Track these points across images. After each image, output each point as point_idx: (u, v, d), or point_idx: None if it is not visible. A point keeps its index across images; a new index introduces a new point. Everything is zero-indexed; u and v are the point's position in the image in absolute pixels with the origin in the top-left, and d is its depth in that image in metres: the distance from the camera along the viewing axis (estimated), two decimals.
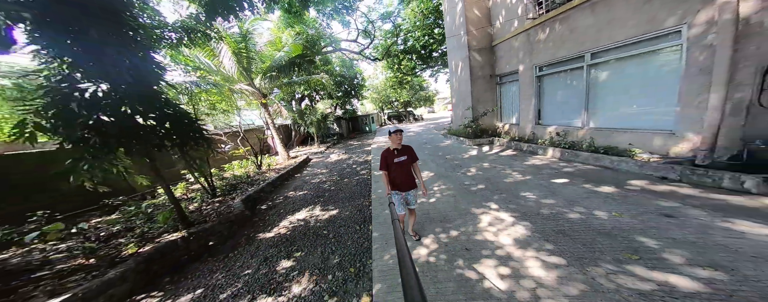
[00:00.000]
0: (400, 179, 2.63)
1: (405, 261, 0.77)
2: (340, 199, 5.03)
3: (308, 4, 7.63)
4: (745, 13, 2.88)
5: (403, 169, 2.62)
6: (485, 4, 9.32)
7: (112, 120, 2.72)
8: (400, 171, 2.62)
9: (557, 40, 6.05)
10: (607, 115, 5.17)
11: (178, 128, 3.35)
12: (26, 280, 2.39)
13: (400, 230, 1.15)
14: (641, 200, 3.13)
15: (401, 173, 2.62)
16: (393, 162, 2.60)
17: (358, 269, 2.67)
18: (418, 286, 0.63)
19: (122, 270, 2.50)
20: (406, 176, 2.64)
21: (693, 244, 2.19)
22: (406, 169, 2.64)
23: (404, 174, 2.63)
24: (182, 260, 3.20)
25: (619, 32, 4.51)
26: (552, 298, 1.81)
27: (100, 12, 2.67)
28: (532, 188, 4.04)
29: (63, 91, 2.46)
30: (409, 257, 0.79)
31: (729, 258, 1.95)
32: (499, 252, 2.45)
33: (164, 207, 4.49)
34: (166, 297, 2.60)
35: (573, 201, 3.36)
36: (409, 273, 0.69)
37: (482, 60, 9.42)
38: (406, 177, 2.64)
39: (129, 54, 2.90)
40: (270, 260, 3.12)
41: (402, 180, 2.63)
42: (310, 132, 14.66)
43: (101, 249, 3.05)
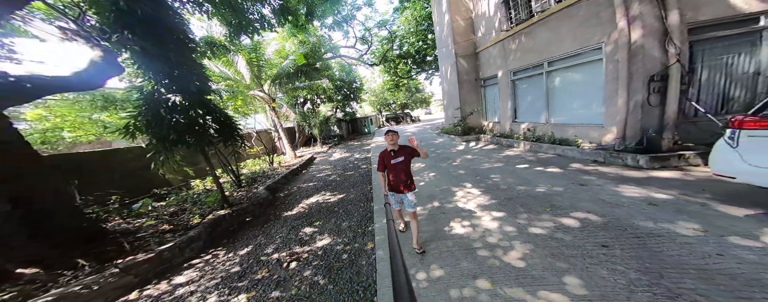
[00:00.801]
0: (396, 180, 2.55)
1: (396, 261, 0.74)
2: (345, 186, 6.09)
3: (313, 18, 8.75)
4: (634, 38, 4.00)
5: (401, 170, 2.54)
6: (469, 16, 10.46)
7: (183, 121, 3.78)
8: (397, 172, 2.54)
9: (524, 50, 7.18)
10: (561, 113, 6.29)
11: (222, 127, 4.41)
12: (137, 238, 3.42)
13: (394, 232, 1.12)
14: (571, 176, 4.22)
15: (398, 174, 2.54)
16: (390, 163, 2.55)
17: (363, 229, 3.71)
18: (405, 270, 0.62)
19: (198, 231, 3.54)
20: (403, 178, 2.54)
21: (586, 201, 3.27)
22: (403, 170, 2.55)
23: (402, 175, 2.54)
24: (230, 229, 4.24)
25: (564, 46, 5.64)
26: (492, 235, 2.87)
27: (176, 41, 3.73)
28: (500, 172, 5.12)
29: (156, 100, 3.52)
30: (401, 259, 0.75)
31: (604, 208, 3.03)
32: (465, 213, 3.51)
33: (203, 194, 5.53)
34: (228, 251, 3.64)
35: (526, 180, 4.44)
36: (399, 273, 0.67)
37: (467, 66, 10.55)
38: (404, 179, 2.55)
39: (193, 70, 3.96)
40: (297, 227, 4.16)
41: (399, 182, 2.54)
42: (313, 133, 15.72)
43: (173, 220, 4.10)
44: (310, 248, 3.38)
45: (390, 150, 2.58)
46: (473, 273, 2.17)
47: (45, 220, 2.54)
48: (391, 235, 1.07)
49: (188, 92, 3.84)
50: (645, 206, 2.89)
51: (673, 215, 2.62)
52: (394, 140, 2.53)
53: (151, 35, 3.45)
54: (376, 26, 20.60)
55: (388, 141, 2.55)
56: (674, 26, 3.78)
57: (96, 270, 2.51)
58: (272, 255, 3.27)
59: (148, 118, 3.51)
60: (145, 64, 3.56)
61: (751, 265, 1.80)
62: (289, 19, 7.23)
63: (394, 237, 1.00)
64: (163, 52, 3.59)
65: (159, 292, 2.65)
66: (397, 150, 2.57)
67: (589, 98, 5.33)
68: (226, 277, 2.89)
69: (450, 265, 2.32)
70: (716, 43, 3.86)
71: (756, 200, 2.61)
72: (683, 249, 2.07)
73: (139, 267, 2.71)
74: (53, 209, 2.65)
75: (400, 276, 0.65)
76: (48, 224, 2.54)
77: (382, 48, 20.63)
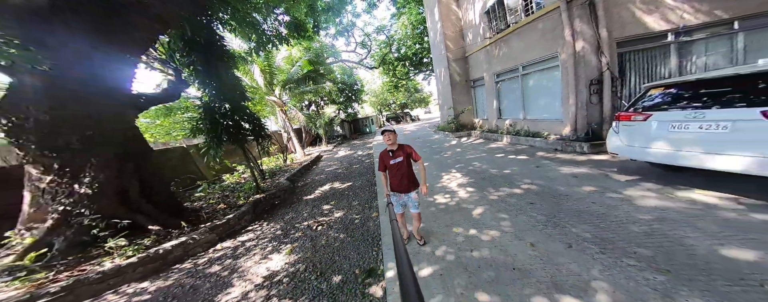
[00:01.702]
0: (397, 181, 2.49)
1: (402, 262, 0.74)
2: (352, 177, 7.24)
3: (318, 29, 9.94)
4: (578, 50, 5.09)
5: (400, 171, 2.47)
6: (458, 24, 11.55)
7: (230, 124, 4.95)
8: (396, 173, 2.47)
9: (504, 56, 8.27)
10: (533, 110, 7.39)
11: (255, 128, 5.58)
12: (203, 212, 4.60)
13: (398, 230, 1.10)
14: (533, 161, 5.34)
15: (397, 175, 2.47)
16: (389, 164, 2.49)
17: (369, 205, 4.85)
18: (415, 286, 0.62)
19: (248, 207, 4.71)
20: (402, 178, 2.48)
21: (535, 177, 4.39)
22: (403, 170, 2.47)
23: (401, 176, 2.47)
24: (266, 209, 5.42)
25: (533, 53, 6.74)
26: (464, 202, 3.99)
27: (223, 60, 4.90)
28: (480, 160, 6.25)
29: (211, 108, 4.69)
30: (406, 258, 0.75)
31: (543, 181, 4.15)
32: (447, 190, 4.63)
33: (237, 185, 6.72)
34: (269, 222, 4.79)
35: (499, 165, 5.56)
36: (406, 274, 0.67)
37: (459, 68, 11.65)
38: (404, 180, 2.48)
39: (234, 83, 5.12)
40: (317, 205, 5.31)
41: (399, 182, 2.49)
42: (319, 134, 16.91)
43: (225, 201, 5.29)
44: (330, 218, 4.53)
45: (388, 150, 2.51)
46: (448, 224, 3.29)
47: (154, 194, 3.71)
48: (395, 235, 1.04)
49: (232, 101, 5.02)
50: (570, 178, 4.01)
51: (582, 182, 3.75)
52: (392, 140, 2.43)
53: (206, 56, 4.63)
54: (374, 31, 21.71)
55: (386, 141, 2.46)
56: (604, 41, 4.87)
57: (191, 230, 3.68)
58: (303, 223, 4.43)
59: (207, 122, 4.69)
60: (201, 79, 4.75)
61: (609, 208, 2.92)
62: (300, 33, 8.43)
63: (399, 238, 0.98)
64: (214, 70, 4.76)
65: (234, 245, 3.82)
66: (396, 150, 2.49)
67: (553, 98, 6.43)
68: (273, 237, 4.05)
69: (433, 221, 3.45)
70: (638, 53, 4.94)
71: (636, 171, 3.73)
72: (576, 202, 3.20)
73: (217, 229, 3.88)
74: (158, 187, 3.83)
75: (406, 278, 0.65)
76: (156, 197, 3.72)
77: (381, 51, 21.76)
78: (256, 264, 3.16)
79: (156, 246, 3.18)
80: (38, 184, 2.80)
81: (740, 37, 4.33)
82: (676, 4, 4.57)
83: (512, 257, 2.33)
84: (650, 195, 3.04)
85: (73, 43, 2.68)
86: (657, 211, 2.68)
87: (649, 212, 2.69)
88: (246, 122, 5.32)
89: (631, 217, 2.64)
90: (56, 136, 2.68)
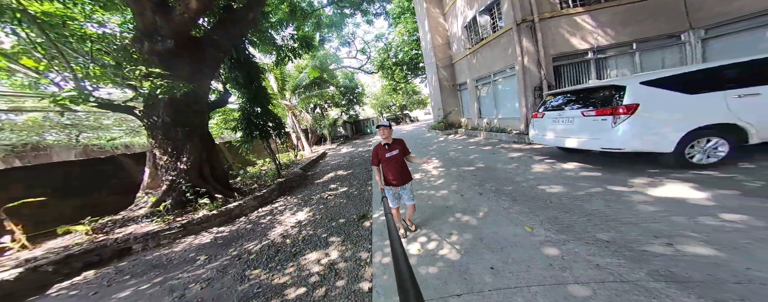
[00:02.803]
0: (392, 174, 2.58)
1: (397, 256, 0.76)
2: (352, 167, 8.82)
3: (324, 42, 11.66)
4: (525, 63, 6.63)
5: (395, 163, 2.57)
6: (446, 34, 13.13)
7: (260, 123, 6.57)
8: (392, 166, 2.57)
9: (480, 64, 9.82)
10: (502, 110, 8.92)
11: (276, 126, 7.21)
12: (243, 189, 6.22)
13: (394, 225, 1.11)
14: (494, 150, 6.86)
15: (393, 168, 2.57)
16: (384, 157, 2.57)
17: (365, 184, 6.42)
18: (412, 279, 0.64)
19: (274, 186, 6.31)
20: (398, 171, 2.58)
21: (488, 159, 5.93)
22: (398, 163, 2.58)
23: (396, 169, 2.57)
24: (286, 189, 7.03)
25: (498, 64, 8.28)
26: (432, 176, 5.54)
27: (256, 73, 6.54)
28: (457, 151, 7.78)
29: (247, 111, 6.33)
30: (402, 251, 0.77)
31: (491, 162, 5.69)
32: (423, 170, 6.17)
33: (261, 173, 8.35)
34: (291, 196, 6.38)
35: (468, 153, 7.09)
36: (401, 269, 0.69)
37: (447, 74, 13.21)
38: (399, 172, 2.59)
39: (263, 91, 6.76)
40: (326, 186, 6.88)
41: (394, 175, 2.58)
42: (323, 134, 18.58)
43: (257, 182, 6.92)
44: (336, 192, 6.11)
45: (384, 144, 2.58)
46: (417, 189, 4.85)
47: (216, 173, 5.33)
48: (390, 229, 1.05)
49: (261, 105, 6.66)
50: (508, 160, 5.55)
51: (513, 162, 5.29)
52: (387, 134, 2.51)
53: (243, 71, 6.27)
54: (374, 39, 23.37)
55: (381, 135, 2.54)
56: (542, 57, 6.41)
57: (241, 198, 5.29)
58: (316, 195, 6.02)
59: (244, 122, 6.33)
60: (240, 89, 6.39)
61: (515, 174, 4.46)
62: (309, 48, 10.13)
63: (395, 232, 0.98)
64: (248, 81, 6.41)
65: (270, 208, 5.41)
66: (391, 143, 2.57)
67: (513, 101, 7.96)
68: (296, 203, 5.63)
69: None
70: (568, 66, 6.47)
71: (549, 154, 5.26)
72: (501, 173, 4.74)
73: (257, 199, 5.49)
74: (218, 169, 5.46)
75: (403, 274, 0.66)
76: (218, 175, 5.33)
77: (379, 57, 23.42)
78: (288, 217, 4.75)
79: (223, 206, 4.79)
80: (157, 162, 4.42)
81: (637, 55, 5.84)
82: (592, 29, 6.10)
83: (449, 201, 3.88)
84: (543, 167, 4.58)
85: (183, 70, 4.35)
86: (539, 174, 4.23)
87: (535, 175, 4.24)
88: (270, 121, 6.95)
89: (523, 178, 4.19)
90: (171, 130, 4.30)
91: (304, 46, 9.79)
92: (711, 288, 1.56)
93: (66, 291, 3.02)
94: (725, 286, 1.56)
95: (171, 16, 4.14)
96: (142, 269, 3.34)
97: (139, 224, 4.03)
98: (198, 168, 4.89)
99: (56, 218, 4.16)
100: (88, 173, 5.07)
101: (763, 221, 2.12)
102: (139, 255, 3.74)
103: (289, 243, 3.52)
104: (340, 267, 2.68)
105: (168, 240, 3.90)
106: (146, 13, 3.99)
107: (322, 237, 3.55)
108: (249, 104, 6.48)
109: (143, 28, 4.09)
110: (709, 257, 1.83)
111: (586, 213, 2.72)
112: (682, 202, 2.64)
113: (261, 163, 9.94)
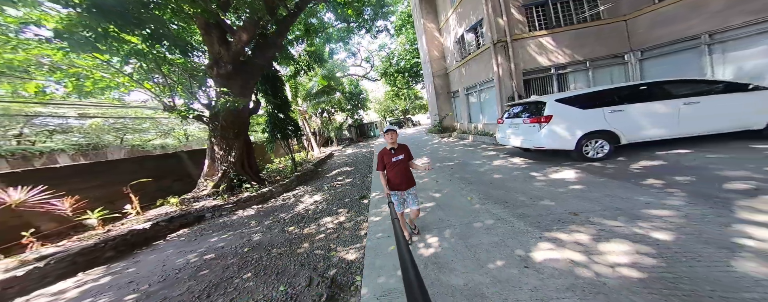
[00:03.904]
0: (398, 178, 2.60)
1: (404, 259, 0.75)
2: (356, 164, 10.28)
3: (333, 54, 13.30)
4: (501, 75, 8.01)
5: (401, 168, 2.59)
6: (441, 47, 14.58)
7: (284, 127, 8.12)
8: (398, 170, 2.59)
9: (468, 75, 11.22)
10: (487, 116, 10.27)
11: (295, 129, 8.75)
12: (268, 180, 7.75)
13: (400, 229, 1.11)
14: (474, 149, 8.22)
15: (399, 173, 2.59)
16: (390, 161, 2.58)
17: (366, 176, 7.87)
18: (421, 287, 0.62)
19: (293, 178, 7.82)
20: (403, 175, 2.60)
21: (466, 157, 7.31)
22: (403, 168, 2.60)
23: (402, 173, 2.59)
24: (303, 180, 8.54)
25: (482, 76, 9.67)
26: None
27: (280, 85, 8.11)
28: (445, 151, 9.17)
29: (273, 116, 7.90)
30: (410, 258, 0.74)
31: (466, 158, 7.06)
32: None
33: (280, 168, 9.89)
34: (307, 186, 7.87)
35: (452, 152, 8.47)
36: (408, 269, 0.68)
37: (442, 82, 14.63)
38: (404, 176, 2.61)
39: (286, 99, 8.32)
40: (334, 178, 8.35)
41: (400, 180, 2.60)
42: (330, 136, 20.18)
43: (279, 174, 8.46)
44: (343, 182, 7.58)
45: (390, 148, 2.59)
46: None
47: (252, 166, 6.87)
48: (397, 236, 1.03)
49: (284, 112, 8.21)
50: (482, 158, 6.91)
51: (485, 159, 6.66)
52: (394, 139, 2.53)
53: (271, 85, 7.84)
54: (377, 49, 25.01)
55: (387, 140, 2.54)
56: (514, 71, 7.77)
57: (270, 186, 6.81)
58: (327, 184, 7.49)
59: (270, 125, 7.89)
60: (267, 98, 7.97)
61: (481, 167, 5.85)
62: (321, 61, 11.76)
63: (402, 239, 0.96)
64: (274, 92, 7.98)
65: (292, 194, 6.89)
66: (397, 148, 2.59)
67: (494, 108, 9.33)
68: (312, 190, 7.10)
69: None
70: (536, 80, 7.81)
71: (514, 153, 6.60)
72: (472, 166, 6.13)
73: (282, 187, 6.99)
74: (253, 163, 7.01)
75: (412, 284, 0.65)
76: (252, 167, 6.88)
77: (383, 65, 25.02)
78: (307, 198, 6.22)
79: (259, 190, 6.32)
80: (214, 156, 6.00)
81: (591, 72, 7.17)
82: (554, 49, 7.46)
83: (427, 185, 5.27)
84: (501, 162, 5.95)
85: (236, 87, 5.96)
86: (496, 167, 5.61)
87: (492, 167, 5.62)
88: (291, 125, 8.51)
89: (483, 170, 5.57)
90: (226, 132, 5.87)
91: (316, 60, 11.41)
92: (539, 218, 2.95)
93: (177, 238, 4.56)
94: (544, 218, 2.94)
95: (229, 46, 5.76)
96: (217, 228, 4.84)
97: (206, 201, 5.57)
98: (241, 161, 6.46)
99: (142, 196, 5.74)
100: (159, 165, 6.79)
101: (588, 188, 3.53)
102: (210, 220, 5.26)
103: (310, 213, 4.98)
104: (346, 224, 4.11)
105: (227, 212, 5.43)
106: (214, 45, 5.62)
107: (333, 209, 5.00)
108: (275, 110, 8.05)
109: (212, 57, 5.73)
110: (549, 206, 3.21)
111: (506, 189, 4.10)
112: (561, 180, 4.02)
113: (278, 161, 11.52)
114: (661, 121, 4.25)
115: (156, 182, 6.26)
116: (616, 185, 3.53)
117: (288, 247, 3.56)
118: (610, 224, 2.56)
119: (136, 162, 6.70)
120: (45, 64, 4.36)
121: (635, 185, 3.42)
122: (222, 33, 5.90)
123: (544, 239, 2.51)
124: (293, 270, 2.90)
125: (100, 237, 4.07)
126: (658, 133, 4.33)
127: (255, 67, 6.62)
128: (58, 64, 4.40)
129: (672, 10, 6.00)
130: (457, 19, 11.50)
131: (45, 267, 3.32)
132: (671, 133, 4.30)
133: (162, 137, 16.24)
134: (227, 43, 5.88)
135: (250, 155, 7.07)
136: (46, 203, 4.28)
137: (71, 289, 3.22)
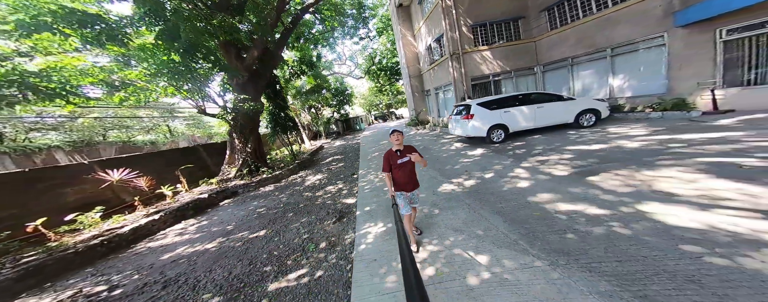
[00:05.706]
0: (404, 179, 2.62)
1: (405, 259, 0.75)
2: (345, 153, 12.46)
3: (321, 58, 15.20)
4: (456, 80, 10.40)
5: (407, 169, 2.61)
6: (415, 51, 16.78)
7: (283, 122, 10.11)
8: (404, 172, 2.61)
9: (436, 78, 13.57)
10: (448, 112, 12.74)
11: (293, 124, 10.74)
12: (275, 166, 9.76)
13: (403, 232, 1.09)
14: (437, 138, 10.63)
15: (405, 174, 2.61)
16: (396, 163, 2.58)
17: (355, 161, 10.10)
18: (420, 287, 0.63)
19: (295, 165, 9.90)
20: (410, 177, 2.64)
21: (429, 143, 9.71)
22: (410, 169, 2.62)
23: (408, 174, 2.62)
24: (302, 166, 10.62)
25: (444, 80, 12.04)
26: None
27: (279, 87, 10.05)
28: (417, 139, 11.54)
29: (275, 114, 9.87)
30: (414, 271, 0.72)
31: (434, 147, 9.46)
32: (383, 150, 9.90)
33: (281, 157, 11.87)
34: (306, 170, 9.97)
35: (424, 141, 10.83)
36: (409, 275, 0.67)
37: (417, 82, 16.91)
38: (411, 177, 2.64)
39: (283, 100, 10.27)
40: (328, 164, 10.51)
41: (407, 180, 2.63)
42: (319, 130, 22.04)
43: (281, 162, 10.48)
44: (336, 166, 9.77)
45: (396, 150, 2.59)
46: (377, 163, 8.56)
47: (262, 154, 8.84)
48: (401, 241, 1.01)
49: (283, 110, 10.19)
50: (440, 143, 9.34)
51: (443, 145, 9.08)
52: (400, 140, 2.51)
53: (273, 87, 9.75)
54: (360, 49, 26.71)
55: (393, 141, 2.53)
56: (464, 78, 10.17)
57: (278, 171, 8.86)
58: (324, 168, 9.65)
59: (273, 121, 9.85)
60: (270, 99, 9.90)
61: (441, 152, 8.27)
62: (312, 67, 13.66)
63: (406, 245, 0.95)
64: (275, 94, 9.91)
65: (297, 176, 8.99)
66: (403, 150, 2.57)
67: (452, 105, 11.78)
68: (311, 172, 9.24)
69: (369, 161, 8.72)
70: (480, 85, 10.27)
71: (465, 141, 9.08)
72: (433, 150, 8.53)
73: (287, 170, 9.06)
74: (263, 152, 8.97)
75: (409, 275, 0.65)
76: (263, 155, 8.85)
77: (366, 64, 26.84)
78: (310, 178, 8.36)
79: (270, 174, 8.37)
80: (235, 147, 7.92)
81: (515, 80, 9.72)
82: (491, 61, 9.92)
83: None
84: (450, 145, 8.37)
85: (250, 93, 7.87)
86: (445, 149, 8.03)
87: (443, 149, 8.03)
88: (289, 121, 10.50)
89: (438, 150, 7.97)
90: (244, 128, 7.81)
91: (307, 66, 13.28)
92: (450, 174, 5.37)
93: (228, 204, 6.60)
94: (452, 174, 5.37)
95: (244, 60, 7.68)
96: (251, 198, 6.91)
97: (234, 182, 7.60)
98: (255, 151, 8.46)
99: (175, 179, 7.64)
100: (187, 156, 8.65)
101: (482, 159, 5.99)
102: (243, 194, 7.31)
103: (317, 185, 7.17)
104: (343, 190, 6.35)
105: (252, 189, 7.49)
106: (232, 60, 7.52)
107: (333, 181, 7.21)
108: (276, 109, 9.99)
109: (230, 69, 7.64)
110: (458, 168, 5.65)
111: (443, 162, 6.51)
112: (473, 155, 6.48)
113: (276, 152, 13.43)
114: (527, 118, 6.94)
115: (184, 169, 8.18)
116: (494, 156, 6.02)
117: (309, 201, 5.78)
118: (477, 174, 5.02)
119: (169, 154, 8.55)
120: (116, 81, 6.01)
121: (502, 155, 5.93)
122: (238, 50, 7.76)
123: (446, 182, 4.91)
124: (315, 210, 5.11)
125: (178, 202, 6.06)
126: (526, 125, 7.09)
127: (262, 75, 8.52)
128: (129, 81, 6.10)
129: (556, 39, 8.75)
130: (426, 29, 13.71)
131: (163, 216, 5.33)
132: (533, 125, 7.09)
133: (144, 133, 17.58)
134: (242, 58, 7.77)
135: (261, 147, 9.06)
136: (131, 181, 6.16)
137: (189, 227, 5.27)
